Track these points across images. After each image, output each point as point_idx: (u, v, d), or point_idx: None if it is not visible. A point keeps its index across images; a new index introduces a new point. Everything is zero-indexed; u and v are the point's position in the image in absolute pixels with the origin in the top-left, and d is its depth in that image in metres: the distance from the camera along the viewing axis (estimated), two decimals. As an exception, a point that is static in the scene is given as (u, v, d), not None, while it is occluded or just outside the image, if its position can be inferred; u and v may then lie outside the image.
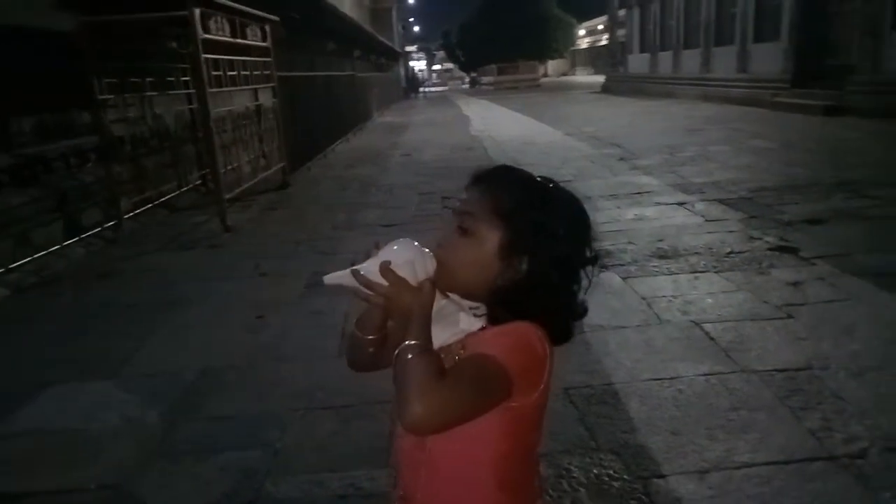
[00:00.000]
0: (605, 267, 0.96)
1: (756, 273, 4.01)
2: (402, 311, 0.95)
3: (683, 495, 2.04)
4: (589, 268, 1.02)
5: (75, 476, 2.39)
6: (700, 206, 5.82)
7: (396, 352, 0.93)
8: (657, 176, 7.42)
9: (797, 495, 2.01)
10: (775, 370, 2.77)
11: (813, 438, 2.28)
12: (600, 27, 52.44)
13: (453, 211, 1.02)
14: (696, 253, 4.47)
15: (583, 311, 1.03)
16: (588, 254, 1.01)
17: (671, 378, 2.78)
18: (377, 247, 0.98)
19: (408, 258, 0.96)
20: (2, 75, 5.47)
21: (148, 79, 7.17)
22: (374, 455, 2.36)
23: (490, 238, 0.97)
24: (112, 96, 6.39)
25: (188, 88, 8.07)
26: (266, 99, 8.83)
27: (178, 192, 7.83)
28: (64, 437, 2.67)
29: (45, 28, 5.87)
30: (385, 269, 0.94)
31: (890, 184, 6.13)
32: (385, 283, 0.94)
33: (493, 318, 1.00)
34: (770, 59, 15.23)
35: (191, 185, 8.27)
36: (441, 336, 1.00)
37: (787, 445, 2.25)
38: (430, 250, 0.99)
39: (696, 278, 3.99)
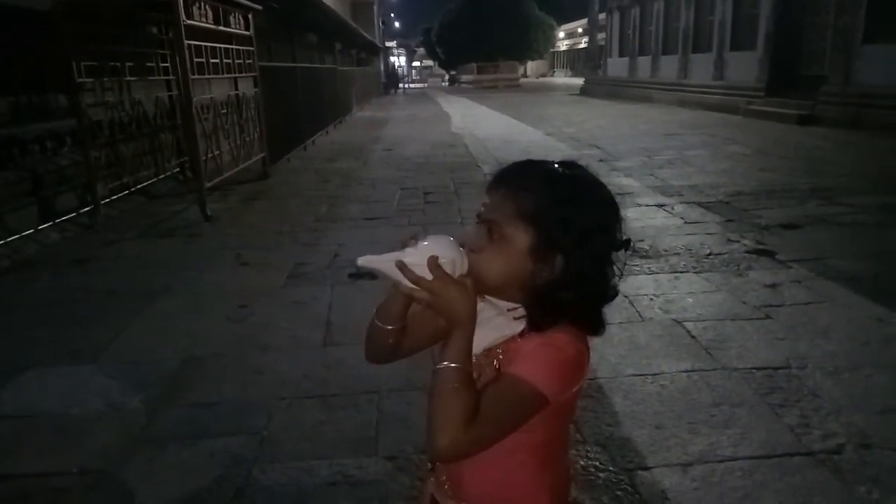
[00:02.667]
0: (634, 251, 0.95)
1: (734, 274, 4.10)
2: (447, 309, 0.94)
3: (668, 487, 2.09)
4: (621, 251, 0.99)
5: (57, 460, 2.35)
6: (679, 209, 5.92)
7: (437, 368, 0.93)
8: (637, 178, 7.51)
9: (777, 488, 2.07)
10: (755, 368, 2.84)
11: (792, 434, 2.35)
12: (580, 30, 52.94)
13: (478, 217, 0.99)
14: (676, 253, 4.55)
15: (614, 294, 1.00)
16: (619, 239, 0.98)
17: (654, 374, 2.83)
18: (415, 238, 0.95)
19: (450, 256, 0.93)
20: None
21: (127, 63, 7.05)
22: (361, 443, 2.37)
23: (519, 242, 0.95)
24: (90, 80, 6.26)
25: (168, 75, 7.95)
26: (247, 88, 8.74)
27: (156, 180, 7.72)
28: (45, 421, 2.63)
29: (19, 6, 5.73)
30: (434, 264, 0.91)
31: (861, 192, 6.30)
32: (431, 277, 0.92)
33: (533, 322, 0.98)
34: (746, 67, 15.52)
35: (169, 173, 8.15)
36: (483, 340, 0.99)
37: (767, 440, 2.32)
38: (464, 251, 0.97)
39: (677, 278, 4.06)
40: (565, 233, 0.93)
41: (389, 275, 0.94)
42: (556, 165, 1.00)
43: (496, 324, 1.01)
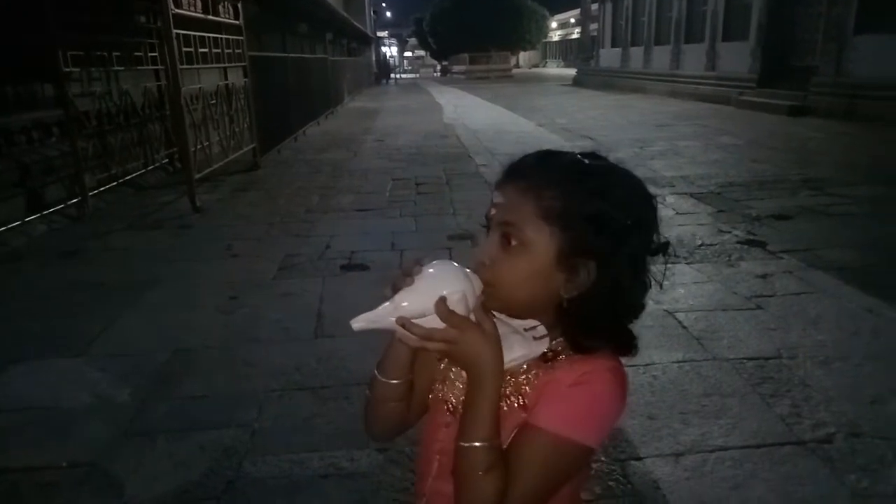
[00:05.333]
0: (676, 255, 0.83)
1: (726, 265, 4.10)
2: (467, 361, 0.80)
3: (660, 477, 2.09)
4: (660, 256, 0.85)
5: (47, 454, 2.33)
6: (671, 200, 5.92)
7: (460, 446, 0.79)
8: (629, 169, 7.50)
9: (768, 477, 2.07)
10: (746, 358, 2.85)
11: (783, 424, 2.35)
12: (572, 20, 52.84)
13: (490, 219, 0.83)
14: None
15: (641, 308, 0.86)
16: (657, 240, 0.84)
17: (646, 364, 2.83)
18: (408, 273, 0.79)
19: (459, 289, 0.78)
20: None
21: (115, 53, 6.96)
22: (353, 436, 2.36)
23: (543, 247, 0.79)
24: (77, 69, 6.18)
25: (156, 64, 7.87)
26: (237, 78, 8.66)
27: (144, 171, 7.65)
28: (33, 415, 2.60)
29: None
30: (444, 309, 0.76)
31: (852, 183, 6.32)
32: (441, 325, 0.77)
33: (573, 343, 0.83)
34: (738, 58, 15.52)
35: (158, 164, 8.08)
36: None
37: (758, 430, 2.32)
38: (472, 269, 0.82)
39: (668, 269, 4.06)
40: (600, 234, 0.78)
41: (393, 329, 0.80)
42: (579, 156, 0.86)
43: (510, 343, 0.83)
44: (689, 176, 6.99)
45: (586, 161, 0.84)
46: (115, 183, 6.86)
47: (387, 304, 0.78)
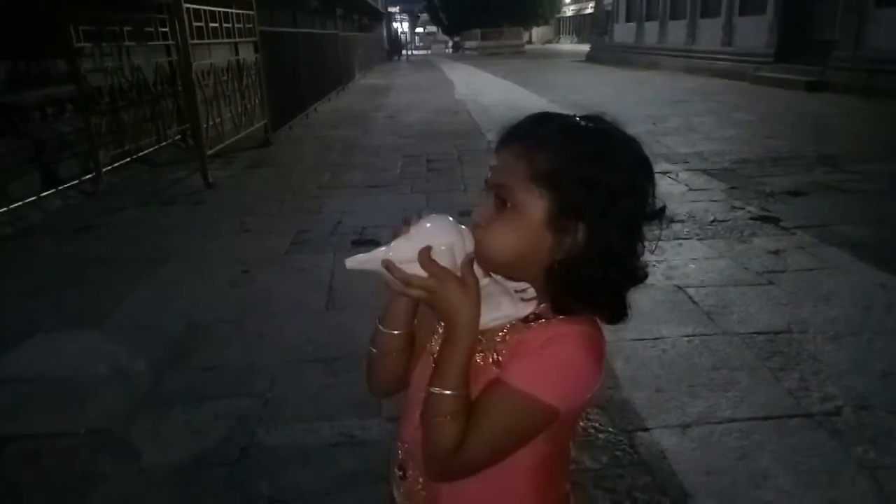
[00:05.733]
0: (671, 221, 0.82)
1: (738, 241, 4.08)
2: (444, 310, 0.81)
3: (667, 447, 2.11)
4: (654, 223, 0.84)
5: (64, 421, 2.39)
6: (684, 176, 5.88)
7: (429, 391, 0.81)
8: (642, 145, 7.44)
9: (775, 449, 2.09)
10: (756, 333, 2.85)
11: (791, 397, 2.36)
12: (586, -5, 51.96)
13: (486, 182, 0.84)
14: (680, 220, 4.53)
15: (643, 276, 0.85)
16: (652, 206, 0.83)
17: (655, 339, 2.84)
18: (407, 223, 0.82)
19: (448, 241, 0.80)
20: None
21: (126, 28, 6.96)
22: (364, 406, 2.39)
23: (534, 208, 0.79)
24: (89, 45, 6.20)
25: (167, 40, 7.86)
26: (248, 54, 8.64)
27: (157, 147, 7.69)
28: (51, 384, 2.66)
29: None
30: (426, 258, 0.78)
31: (868, 159, 6.24)
32: (425, 274, 0.79)
33: (558, 305, 0.83)
34: (755, 32, 15.25)
35: (170, 140, 8.11)
36: (482, 318, 0.85)
37: (766, 403, 2.33)
38: (467, 228, 0.83)
39: (680, 245, 4.05)
40: (589, 197, 0.77)
41: (379, 274, 0.81)
42: (578, 118, 0.85)
43: (497, 302, 0.85)
44: (703, 152, 6.92)
45: (584, 124, 0.84)
46: (128, 159, 6.90)
47: (382, 248, 0.80)
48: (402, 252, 0.79)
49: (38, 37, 5.96)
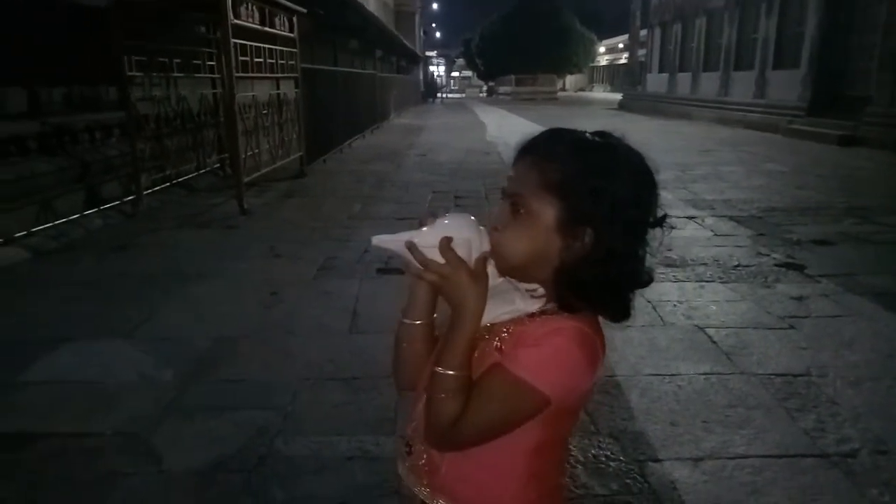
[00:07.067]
0: (672, 227, 0.88)
1: (761, 286, 4.08)
2: (454, 296, 0.89)
3: (678, 479, 2.12)
4: (658, 230, 0.91)
5: (92, 423, 2.48)
6: (710, 221, 5.89)
7: (434, 370, 0.90)
8: (669, 191, 7.48)
9: (787, 486, 2.08)
10: (774, 374, 2.84)
11: (807, 437, 2.35)
12: (621, 45, 52.72)
13: (503, 191, 0.93)
14: (704, 264, 4.54)
15: (648, 280, 0.92)
16: (655, 214, 0.90)
17: (672, 375, 2.85)
18: (433, 216, 0.90)
19: (466, 236, 0.88)
20: (36, 45, 5.62)
21: (175, 60, 7.31)
22: (381, 424, 2.45)
23: (545, 216, 0.87)
24: (139, 74, 6.52)
25: (213, 73, 8.21)
26: (288, 89, 8.97)
27: (196, 174, 7.96)
28: (82, 388, 2.77)
29: (79, 3, 6.01)
30: (445, 246, 0.87)
31: (899, 213, 6.19)
32: (442, 260, 0.87)
33: (562, 302, 0.90)
34: (788, 86, 15.29)
35: (209, 168, 8.40)
36: (493, 312, 0.93)
37: (781, 441, 2.33)
38: (486, 230, 0.92)
39: (702, 287, 4.06)
40: (595, 205, 0.85)
41: (400, 255, 0.90)
42: (588, 134, 0.93)
43: (511, 298, 0.94)
44: (731, 200, 6.93)
45: (592, 138, 0.92)
46: (168, 184, 7.16)
47: (407, 232, 0.89)
48: (425, 238, 0.88)
49: (93, 64, 6.30)
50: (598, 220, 0.85)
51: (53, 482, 2.17)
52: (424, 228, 0.89)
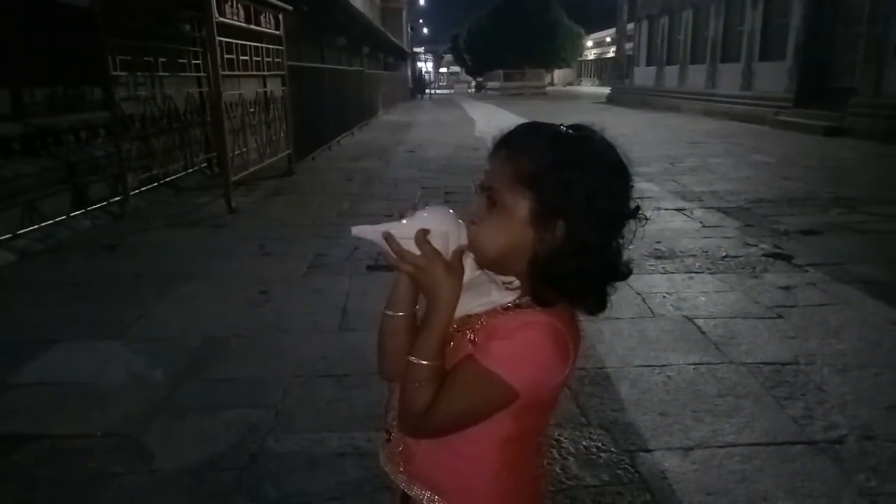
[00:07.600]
0: (647, 219, 0.87)
1: (749, 276, 4.11)
2: (429, 287, 0.90)
3: (668, 468, 2.13)
4: (632, 222, 0.91)
5: (84, 423, 2.47)
6: (698, 213, 5.93)
7: (408, 360, 0.91)
8: (658, 183, 7.52)
9: (776, 473, 2.10)
10: (763, 363, 2.87)
11: (795, 425, 2.38)
12: (608, 39, 52.80)
13: (478, 185, 0.93)
14: (692, 255, 4.57)
15: (627, 272, 0.92)
16: (628, 206, 0.90)
17: (661, 365, 2.87)
18: (414, 209, 0.91)
19: (444, 229, 0.89)
20: (18, 45, 5.56)
21: (160, 59, 7.25)
22: (372, 420, 2.44)
23: (519, 208, 0.87)
24: (124, 73, 6.46)
25: (199, 72, 8.16)
26: (275, 87, 8.93)
27: (184, 173, 7.91)
28: (72, 389, 2.76)
29: (62, 1, 5.95)
30: (421, 238, 0.88)
31: (886, 202, 6.24)
32: (418, 252, 0.88)
33: (538, 297, 0.91)
34: (774, 77, 15.38)
35: (197, 167, 8.35)
36: (469, 304, 0.94)
37: (769, 429, 2.35)
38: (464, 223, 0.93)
39: (691, 278, 4.09)
40: (567, 197, 0.85)
41: (378, 244, 0.91)
42: (563, 127, 0.93)
43: (487, 290, 0.95)
44: (719, 191, 6.97)
45: (566, 131, 0.91)
46: (155, 183, 7.11)
47: (387, 223, 0.91)
48: (403, 230, 0.89)
49: (77, 64, 6.24)
50: (570, 213, 0.86)
51: (44, 483, 2.16)
52: (404, 220, 0.90)
